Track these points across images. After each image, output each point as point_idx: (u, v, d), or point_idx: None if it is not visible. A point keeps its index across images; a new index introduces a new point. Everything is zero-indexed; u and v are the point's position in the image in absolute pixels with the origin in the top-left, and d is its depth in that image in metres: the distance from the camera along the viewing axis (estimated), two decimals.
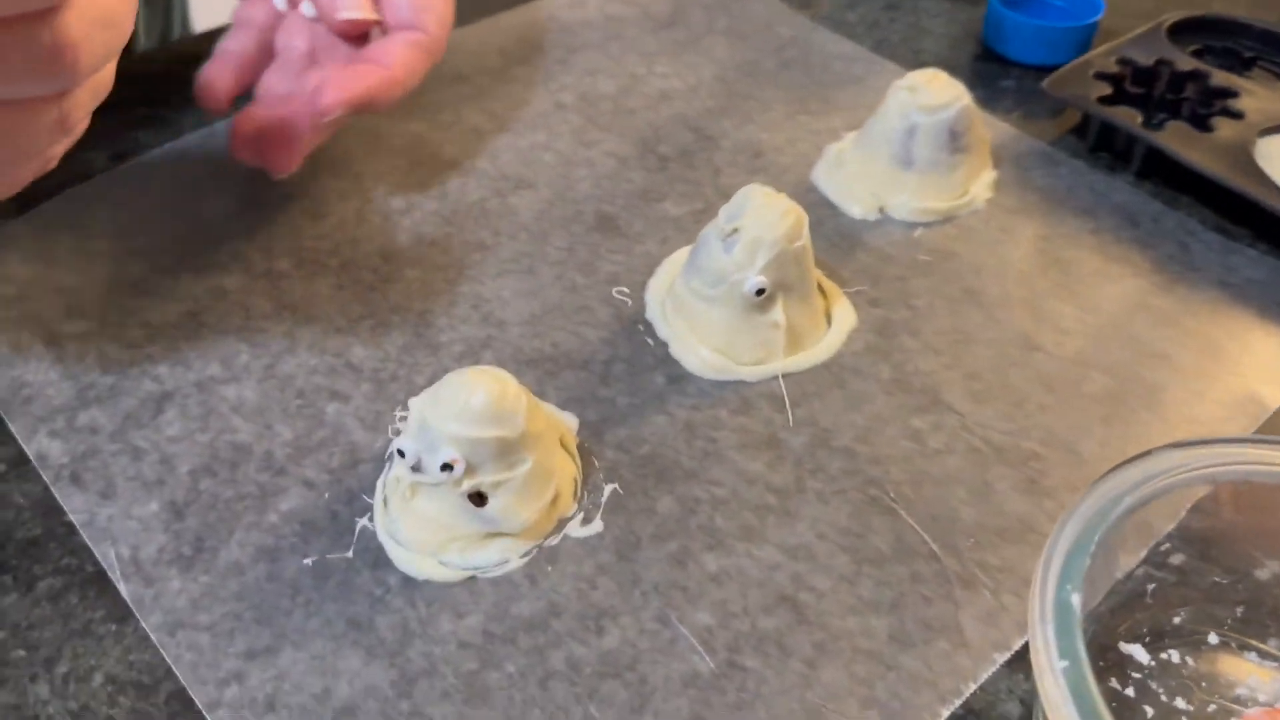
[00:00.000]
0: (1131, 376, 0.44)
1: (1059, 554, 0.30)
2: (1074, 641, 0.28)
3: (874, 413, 0.43)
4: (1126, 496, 0.32)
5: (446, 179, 0.52)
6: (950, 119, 0.49)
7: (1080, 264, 0.49)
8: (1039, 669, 0.28)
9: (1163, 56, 0.56)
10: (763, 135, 0.55)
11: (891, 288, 0.47)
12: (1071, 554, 0.30)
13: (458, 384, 0.36)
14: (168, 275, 0.47)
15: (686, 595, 0.37)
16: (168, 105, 0.55)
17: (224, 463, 0.40)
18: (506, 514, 0.37)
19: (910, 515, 0.39)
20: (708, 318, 0.44)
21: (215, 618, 0.36)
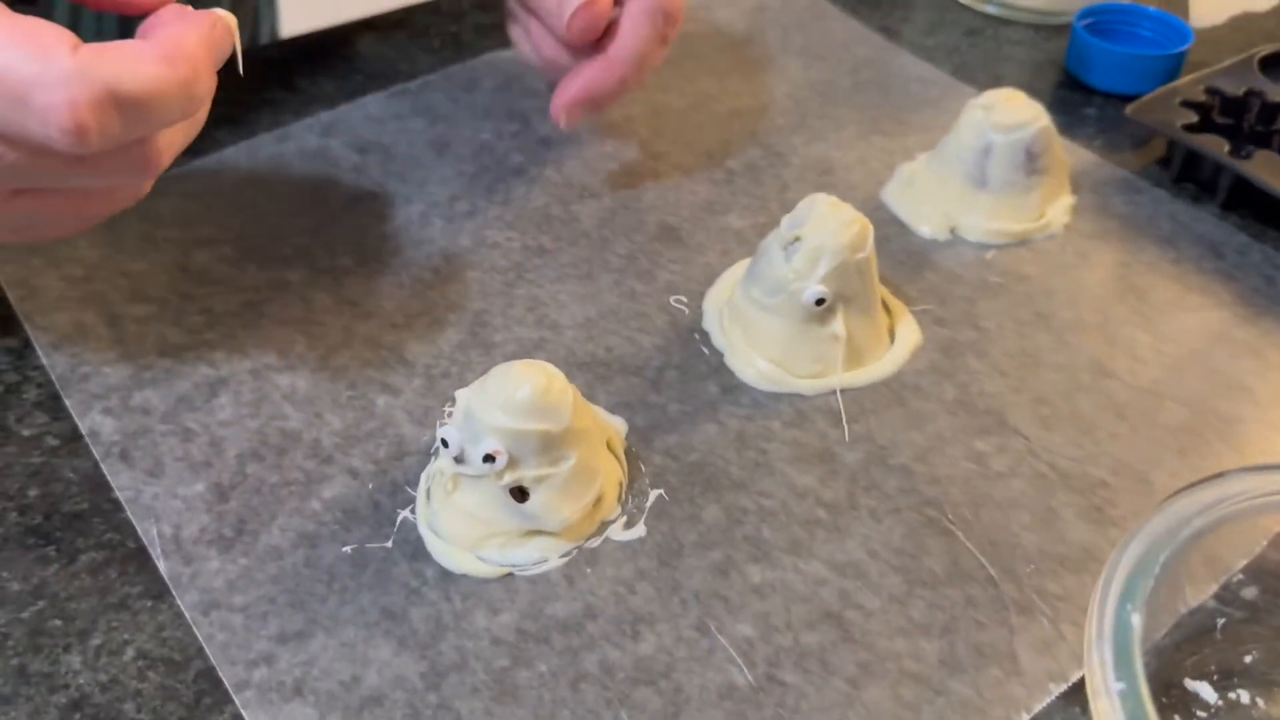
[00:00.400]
0: (1208, 408, 0.42)
1: (1121, 572, 0.28)
2: (1132, 663, 0.27)
3: (935, 432, 0.41)
4: (1196, 519, 0.30)
5: (511, 185, 0.52)
6: (1027, 139, 0.48)
7: (1159, 292, 0.47)
8: (1093, 690, 0.27)
9: (1253, 87, 0.54)
10: (833, 153, 0.54)
11: (959, 308, 0.46)
12: (1134, 573, 0.28)
13: (504, 376, 0.36)
14: (231, 265, 0.47)
15: (727, 606, 0.36)
16: (246, 106, 0.56)
17: (272, 448, 0.40)
18: (547, 511, 0.36)
19: (968, 538, 0.38)
20: (765, 328, 0.43)
21: (250, 600, 0.36)
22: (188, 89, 0.33)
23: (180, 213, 0.50)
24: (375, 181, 0.52)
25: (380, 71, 0.59)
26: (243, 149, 0.53)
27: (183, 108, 0.33)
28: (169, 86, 0.32)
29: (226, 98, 0.57)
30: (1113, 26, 0.59)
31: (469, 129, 0.55)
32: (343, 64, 0.60)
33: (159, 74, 0.32)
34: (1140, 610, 0.28)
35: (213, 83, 0.35)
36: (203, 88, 0.34)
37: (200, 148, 0.54)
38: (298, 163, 0.53)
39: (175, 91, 0.33)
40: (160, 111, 0.33)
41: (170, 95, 0.33)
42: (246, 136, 0.54)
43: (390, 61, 0.60)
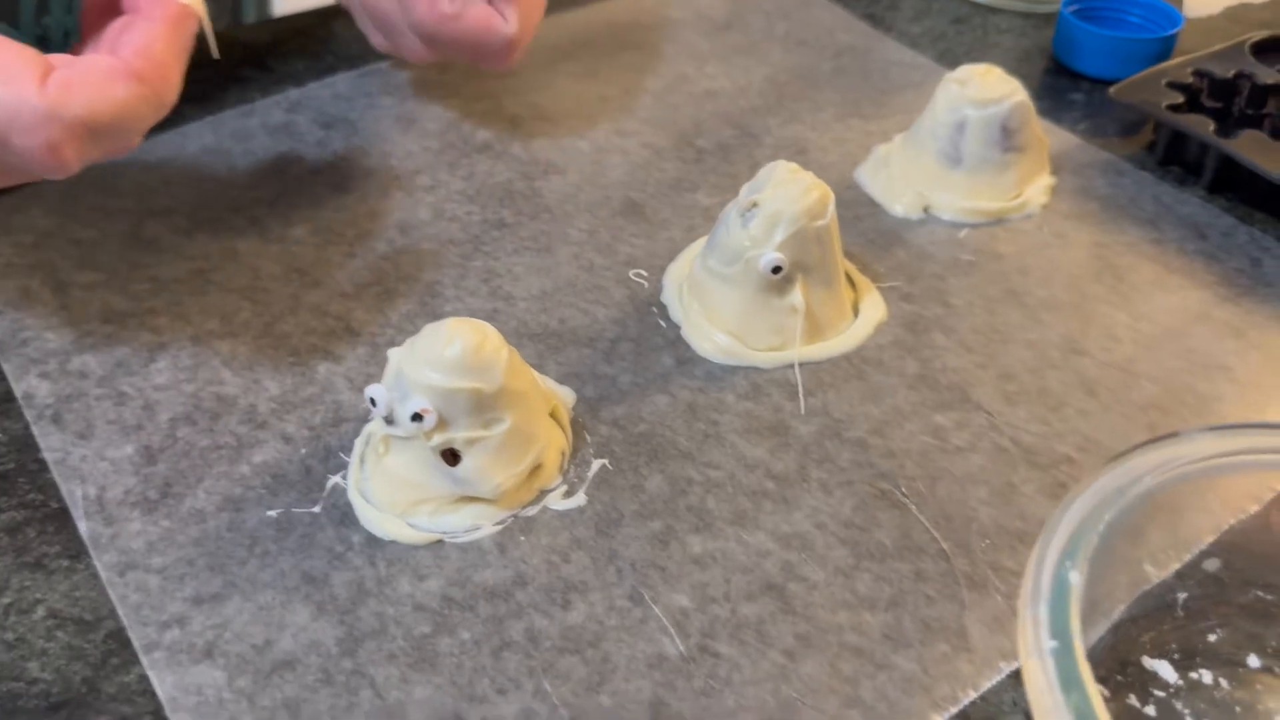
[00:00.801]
0: (1184, 386, 0.40)
1: (1063, 529, 0.27)
2: (1068, 623, 0.25)
3: (893, 406, 0.39)
4: (1147, 477, 0.28)
5: (476, 161, 0.51)
6: (1003, 114, 0.46)
7: (1138, 272, 0.45)
8: (1024, 651, 0.25)
9: (1243, 70, 0.52)
10: (809, 134, 0.53)
11: (928, 284, 0.44)
12: (1077, 531, 0.27)
13: (435, 333, 0.34)
14: (183, 235, 0.46)
15: (664, 575, 0.34)
16: (215, 84, 0.56)
17: (206, 413, 0.39)
18: (479, 475, 0.35)
19: (921, 512, 0.36)
20: (722, 298, 0.41)
21: (169, 561, 0.34)
22: (160, 99, 0.34)
23: (137, 184, 0.49)
24: (337, 155, 0.51)
25: (354, 53, 0.59)
26: (207, 124, 0.53)
27: (156, 115, 0.34)
28: (142, 104, 0.33)
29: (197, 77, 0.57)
30: (1101, 13, 0.58)
31: (438, 107, 0.54)
32: (316, 45, 0.59)
33: (131, 94, 0.33)
34: (1081, 569, 0.26)
35: (181, 76, 0.35)
36: (174, 91, 0.35)
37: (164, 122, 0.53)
38: (261, 136, 0.52)
39: (148, 106, 0.34)
40: (135, 124, 0.34)
41: (144, 110, 0.33)
42: (213, 113, 0.54)
43: (365, 43, 0.59)
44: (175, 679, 0.31)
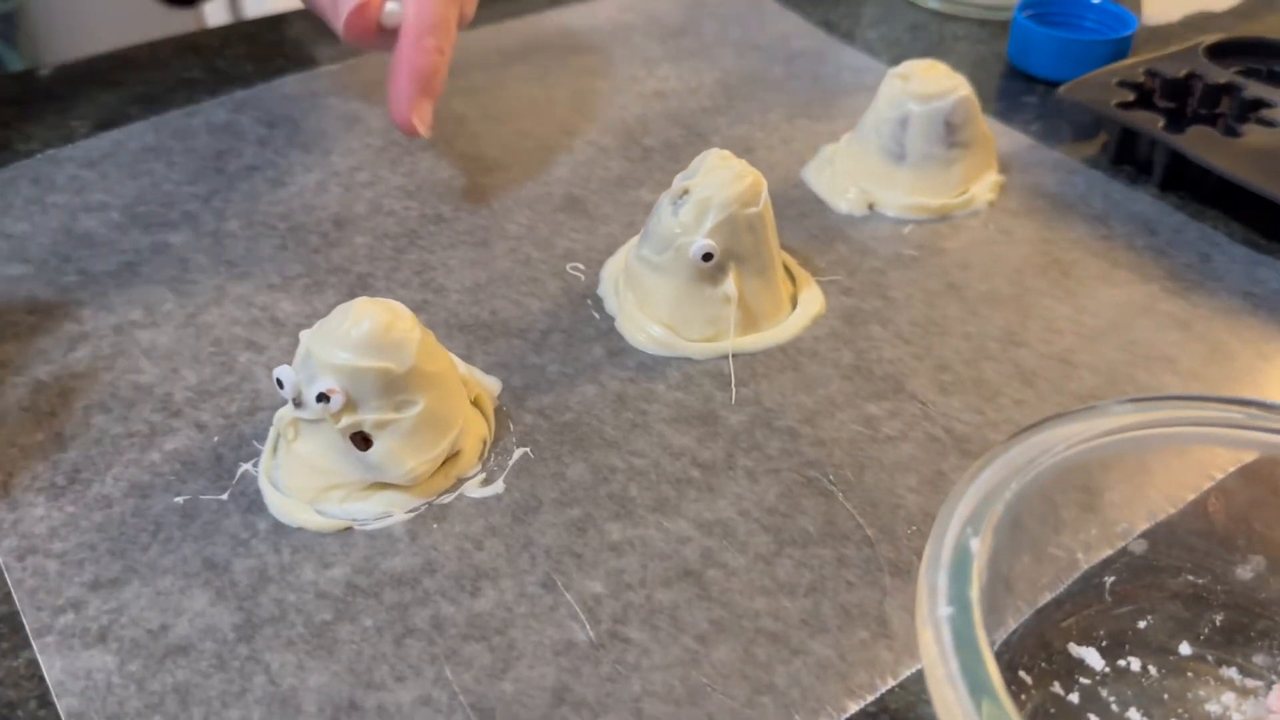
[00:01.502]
0: (1124, 377, 0.39)
1: (968, 496, 0.26)
2: (967, 589, 0.24)
3: (826, 396, 0.38)
4: (1060, 448, 0.27)
5: (419, 158, 0.50)
6: (946, 109, 0.46)
7: (1084, 267, 0.44)
8: (920, 620, 0.24)
9: (1195, 70, 0.51)
10: (756, 134, 0.52)
11: (868, 279, 0.43)
12: (984, 500, 0.26)
13: (344, 312, 0.33)
14: (116, 229, 0.46)
15: (579, 562, 0.33)
16: (162, 85, 0.55)
17: (121, 401, 0.38)
18: (390, 460, 0.34)
19: (847, 499, 0.35)
20: (655, 287, 0.40)
21: (69, 546, 0.33)
22: None
23: (74, 179, 0.48)
24: (277, 153, 0.50)
25: (305, 56, 0.58)
26: (150, 124, 0.52)
27: None
28: None
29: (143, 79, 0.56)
30: (1055, 17, 0.57)
31: (383, 107, 0.54)
32: (266, 49, 0.59)
33: None
34: (984, 539, 0.25)
35: None
36: None
37: (108, 121, 0.53)
38: (203, 135, 0.51)
39: None
40: None
41: None
42: (158, 114, 0.53)
43: (316, 47, 0.59)
44: (65, 663, 0.30)
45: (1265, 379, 0.39)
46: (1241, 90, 0.50)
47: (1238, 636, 0.30)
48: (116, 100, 0.55)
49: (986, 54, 0.59)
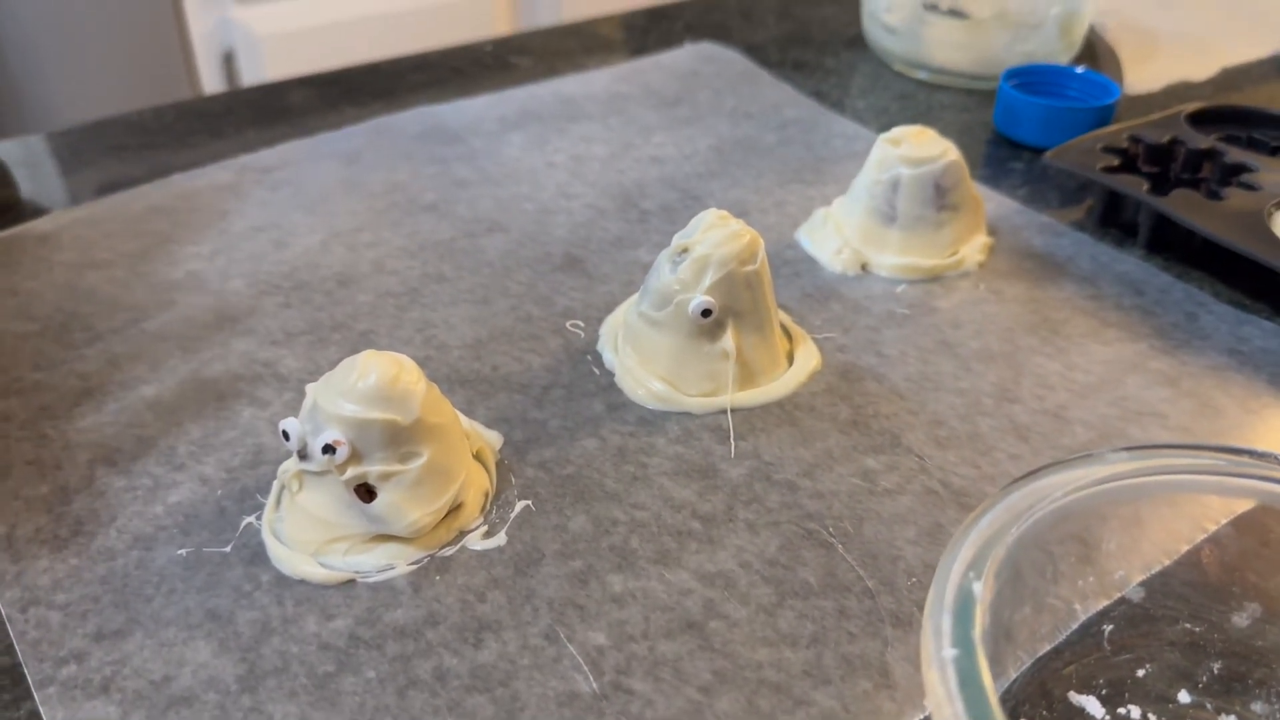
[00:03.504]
0: (1116, 431, 0.40)
1: (970, 541, 0.26)
2: (970, 631, 0.24)
3: (824, 450, 0.39)
4: (1059, 494, 0.27)
5: (420, 220, 0.51)
6: (935, 173, 0.47)
7: (1073, 325, 0.45)
8: (926, 661, 0.24)
9: (1178, 136, 0.53)
10: (750, 197, 0.53)
11: (863, 336, 0.44)
12: (985, 544, 0.26)
13: (351, 364, 0.34)
14: (121, 287, 0.46)
15: (582, 614, 0.33)
16: (168, 149, 0.56)
17: (125, 455, 0.38)
18: (394, 512, 0.34)
19: (847, 551, 0.35)
20: (655, 343, 0.41)
21: (73, 598, 0.33)
22: None
23: (79, 238, 0.49)
24: (281, 214, 0.51)
25: (309, 124, 0.60)
26: (155, 186, 0.53)
27: None
28: None
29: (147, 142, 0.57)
30: (1040, 86, 0.59)
31: (385, 170, 0.55)
32: (270, 115, 0.60)
33: None
34: (986, 582, 0.25)
35: None
36: None
37: (113, 183, 0.54)
38: (207, 195, 0.52)
39: None
40: None
41: None
42: (163, 176, 0.54)
43: (319, 114, 0.61)
44: (67, 714, 0.30)
45: (1253, 432, 0.40)
46: (1223, 155, 0.52)
47: (1236, 685, 0.30)
48: (121, 164, 0.56)
49: (973, 122, 0.61)
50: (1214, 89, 0.65)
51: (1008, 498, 0.27)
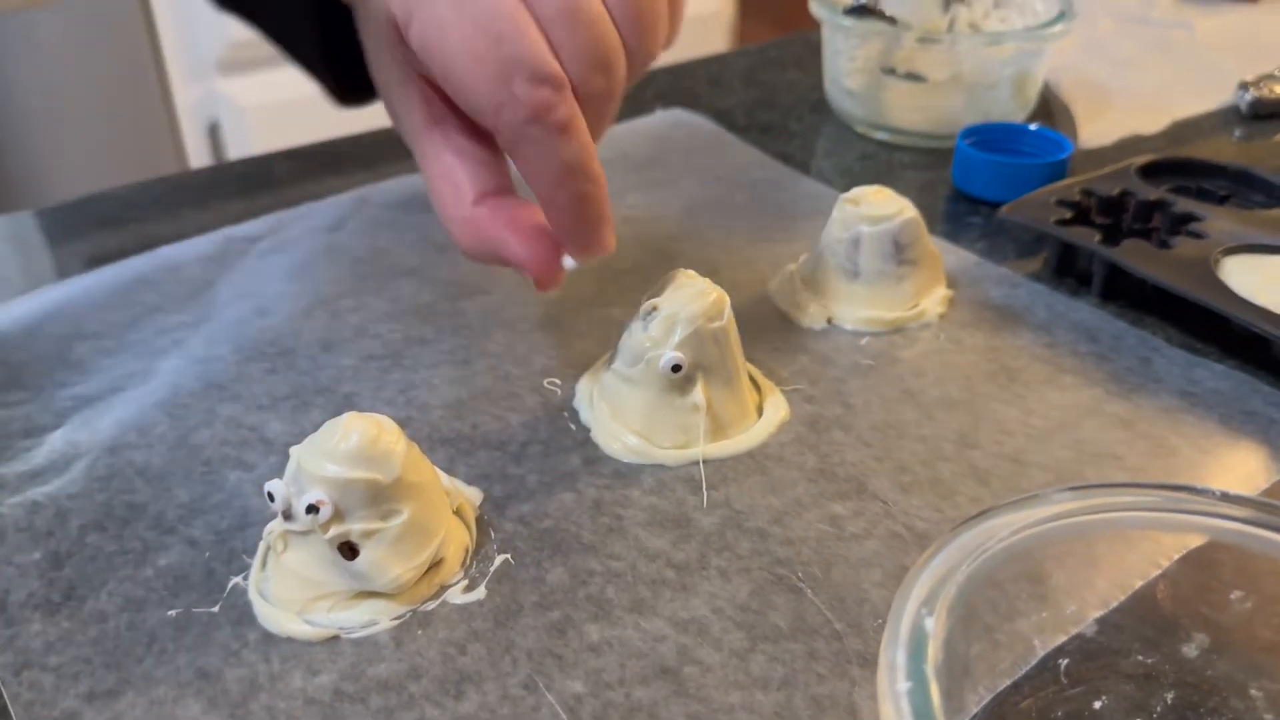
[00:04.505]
0: (1073, 474, 0.41)
1: (922, 579, 0.27)
2: (922, 665, 0.25)
3: (793, 498, 0.40)
4: (1006, 533, 0.29)
5: (401, 284, 0.53)
6: (894, 229, 0.49)
7: (1030, 372, 0.47)
8: (881, 695, 0.25)
9: (1128, 188, 0.55)
10: (721, 255, 0.55)
11: (829, 387, 0.46)
12: (937, 582, 0.27)
13: (333, 426, 0.35)
14: (107, 356, 0.48)
15: (560, 664, 0.34)
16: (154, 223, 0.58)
17: (116, 520, 0.40)
18: (376, 569, 0.35)
19: (816, 595, 0.36)
20: (628, 399, 0.43)
21: (65, 660, 0.34)
22: None
23: (65, 308, 0.51)
24: (265, 281, 0.53)
25: (293, 195, 0.61)
26: (143, 257, 0.55)
27: None
28: None
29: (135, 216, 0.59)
30: (995, 144, 0.61)
31: (368, 237, 0.57)
32: (256, 187, 0.62)
33: None
34: (939, 618, 0.26)
35: None
36: None
37: (101, 257, 0.55)
38: (194, 266, 0.54)
39: None
40: None
41: None
42: (150, 248, 0.56)
43: (303, 185, 0.63)
44: None
45: (1206, 471, 0.41)
46: (1172, 206, 0.54)
47: (1189, 714, 0.31)
48: (110, 237, 0.58)
49: (933, 179, 0.63)
50: (1166, 142, 0.68)
51: (959, 538, 0.29)
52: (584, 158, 0.36)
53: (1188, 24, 0.85)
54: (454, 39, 0.33)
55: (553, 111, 0.34)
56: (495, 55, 0.33)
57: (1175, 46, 0.81)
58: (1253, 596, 0.31)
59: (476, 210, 0.38)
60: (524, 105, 0.34)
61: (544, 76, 0.33)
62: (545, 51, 0.34)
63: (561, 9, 0.34)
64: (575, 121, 0.35)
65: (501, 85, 0.33)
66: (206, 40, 1.33)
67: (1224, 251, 0.50)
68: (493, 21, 0.33)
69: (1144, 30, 0.84)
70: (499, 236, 0.38)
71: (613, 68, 0.35)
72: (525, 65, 0.33)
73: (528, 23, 0.33)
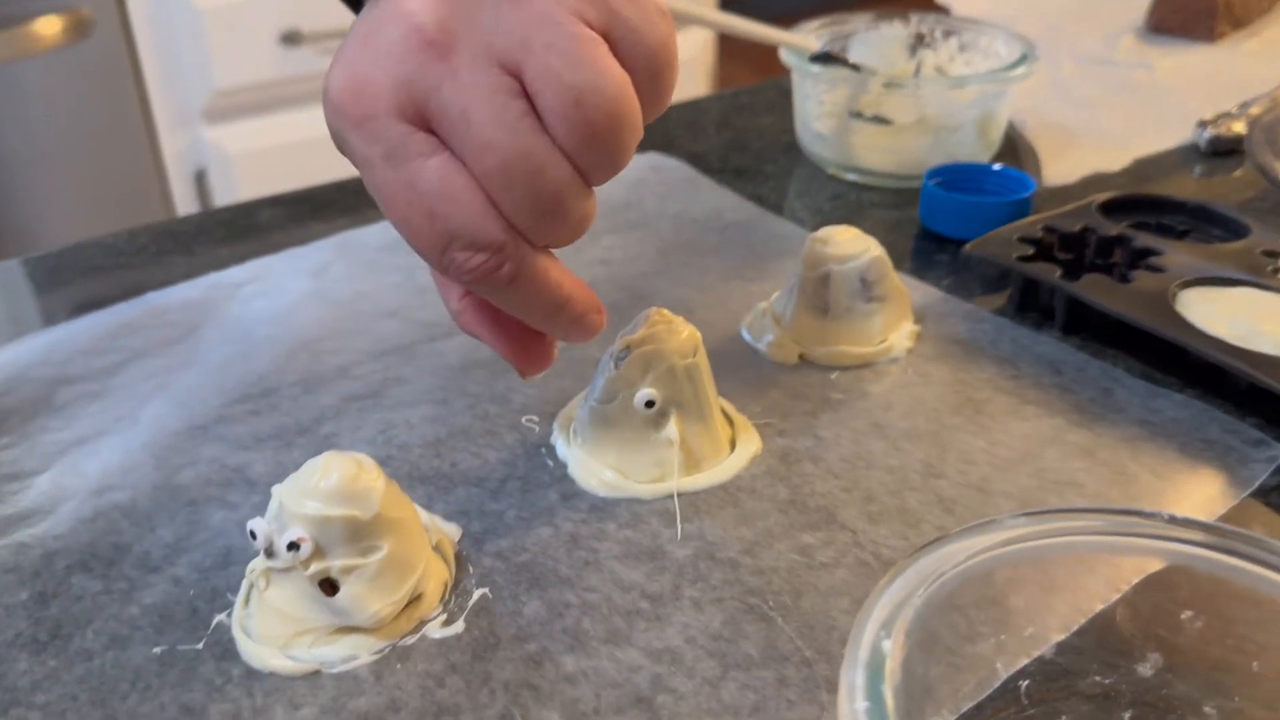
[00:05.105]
0: (1036, 501, 0.42)
1: (881, 603, 0.28)
2: (880, 685, 0.26)
3: (764, 529, 0.41)
4: (962, 556, 0.30)
5: (383, 325, 0.54)
6: (861, 268, 0.50)
7: (994, 404, 0.48)
8: (840, 715, 0.26)
9: (1089, 224, 0.57)
10: (695, 295, 0.57)
11: (800, 421, 0.47)
12: (895, 606, 0.28)
13: (313, 466, 0.36)
14: (93, 400, 0.49)
15: (537, 695, 0.35)
16: (140, 270, 0.59)
17: (101, 560, 0.40)
18: (356, 604, 0.36)
19: (786, 623, 0.37)
20: (604, 435, 0.44)
21: (51, 698, 0.35)
22: None
23: (52, 355, 0.51)
24: (249, 325, 0.54)
25: (278, 240, 0.63)
26: (130, 304, 0.56)
27: None
28: None
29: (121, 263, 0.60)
30: (960, 184, 0.63)
31: (350, 281, 0.58)
32: (241, 233, 0.63)
33: None
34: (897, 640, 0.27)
35: None
36: None
37: (88, 303, 0.56)
38: (179, 311, 0.55)
39: None
40: None
41: None
42: (136, 294, 0.57)
43: (288, 231, 0.64)
44: None
45: (1164, 497, 0.42)
46: (1132, 241, 0.56)
47: None
48: (97, 284, 0.59)
49: (901, 218, 0.65)
50: (1128, 179, 0.69)
51: (916, 563, 0.30)
52: (543, 296, 0.36)
53: (1148, 65, 0.87)
54: (392, 210, 0.33)
55: (496, 273, 0.34)
56: (429, 229, 0.33)
57: (1136, 87, 0.84)
58: (1203, 617, 0.32)
59: (462, 305, 0.39)
60: (466, 270, 0.34)
61: (481, 244, 0.33)
62: (482, 215, 0.33)
63: (494, 168, 0.32)
64: (523, 273, 0.35)
65: (441, 253, 0.33)
66: (192, 89, 1.35)
67: (1182, 285, 0.52)
68: (423, 198, 0.33)
69: (1106, 71, 0.87)
70: (481, 333, 0.39)
71: (561, 210, 0.34)
72: (460, 236, 0.33)
73: (462, 189, 0.33)
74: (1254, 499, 0.42)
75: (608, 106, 0.32)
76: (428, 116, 0.32)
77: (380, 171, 0.33)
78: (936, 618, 0.29)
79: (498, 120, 0.32)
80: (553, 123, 0.32)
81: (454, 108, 0.32)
